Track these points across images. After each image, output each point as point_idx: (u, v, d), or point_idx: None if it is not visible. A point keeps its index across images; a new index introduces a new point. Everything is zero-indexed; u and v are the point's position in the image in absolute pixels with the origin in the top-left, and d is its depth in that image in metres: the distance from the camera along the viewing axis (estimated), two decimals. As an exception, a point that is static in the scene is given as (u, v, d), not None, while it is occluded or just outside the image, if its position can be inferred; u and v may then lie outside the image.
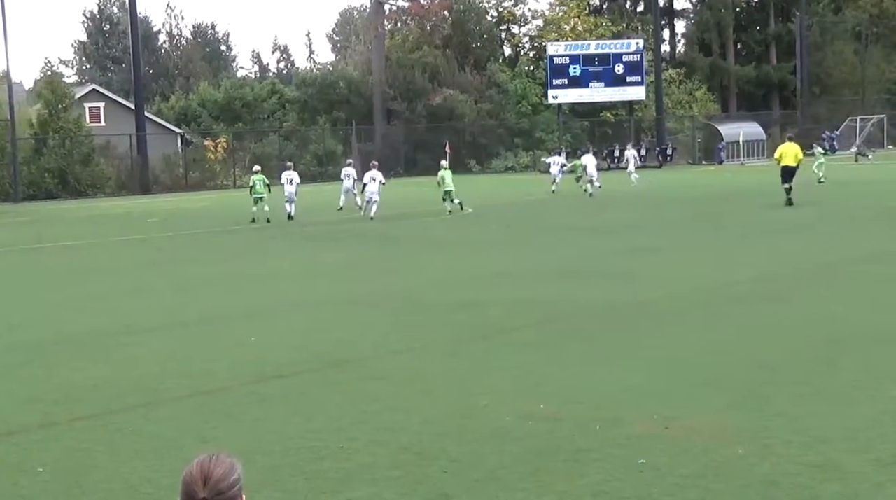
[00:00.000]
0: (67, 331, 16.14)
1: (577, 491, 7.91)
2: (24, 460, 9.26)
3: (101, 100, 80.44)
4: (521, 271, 21.86)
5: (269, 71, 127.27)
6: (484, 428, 9.72)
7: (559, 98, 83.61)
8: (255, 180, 39.46)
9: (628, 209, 38.63)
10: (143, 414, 10.83)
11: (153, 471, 8.57)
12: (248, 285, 21.12)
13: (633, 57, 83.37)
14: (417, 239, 30.58)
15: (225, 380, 12.22)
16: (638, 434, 9.33)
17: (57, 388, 12.06)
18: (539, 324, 15.46)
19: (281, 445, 9.43)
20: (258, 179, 39.31)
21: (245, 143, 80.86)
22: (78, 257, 28.87)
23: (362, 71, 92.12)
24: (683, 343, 13.59)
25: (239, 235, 34.09)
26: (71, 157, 67.00)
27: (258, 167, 41.76)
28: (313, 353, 13.68)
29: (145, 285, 21.64)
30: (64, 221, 44.82)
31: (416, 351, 13.75)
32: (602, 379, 11.55)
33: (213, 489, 3.38)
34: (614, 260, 23.11)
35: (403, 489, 8.09)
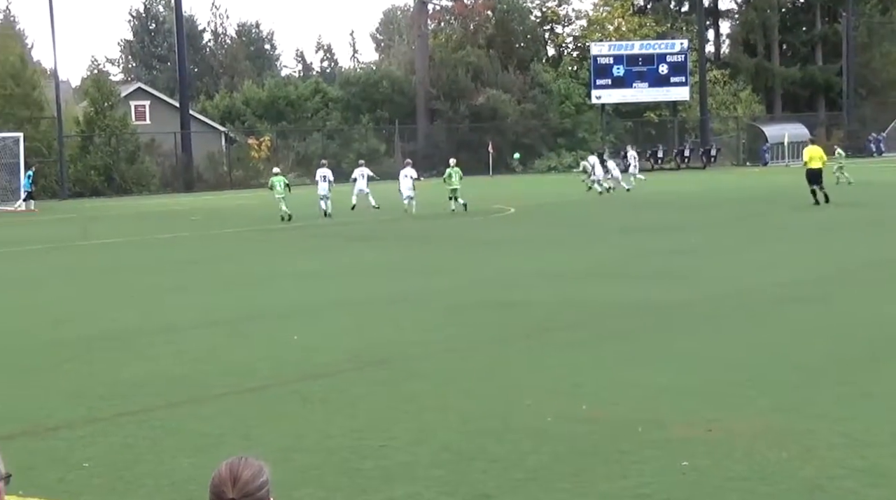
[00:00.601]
0: (112, 327, 16.26)
1: (618, 493, 7.89)
2: (69, 454, 9.33)
3: (147, 98, 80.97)
4: (562, 270, 21.82)
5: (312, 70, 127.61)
6: (525, 428, 9.70)
7: (602, 98, 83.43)
8: (275, 182, 40.35)
9: (670, 210, 38.48)
10: (187, 411, 10.89)
11: (196, 468, 8.62)
12: (290, 284, 21.19)
13: (677, 57, 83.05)
14: (458, 238, 30.57)
15: (267, 378, 12.26)
16: (680, 436, 9.29)
17: (102, 384, 12.15)
18: (581, 324, 15.43)
19: (322, 443, 9.45)
20: (277, 181, 40.22)
21: (289, 141, 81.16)
22: (122, 254, 29.07)
23: (405, 70, 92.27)
24: (726, 344, 13.53)
25: (281, 233, 34.21)
26: (116, 154, 67.49)
27: (277, 170, 42.81)
28: (355, 352, 13.71)
29: (189, 283, 21.76)
30: (109, 219, 45.15)
31: (458, 351, 13.75)
32: (644, 380, 11.50)
33: (241, 491, 3.40)
34: (656, 260, 23.02)
35: (444, 489, 8.09)
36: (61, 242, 33.09)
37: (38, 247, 31.64)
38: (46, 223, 43.39)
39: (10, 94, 64.71)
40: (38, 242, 33.23)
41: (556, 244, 27.75)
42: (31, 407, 11.13)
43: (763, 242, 26.63)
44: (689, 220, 33.93)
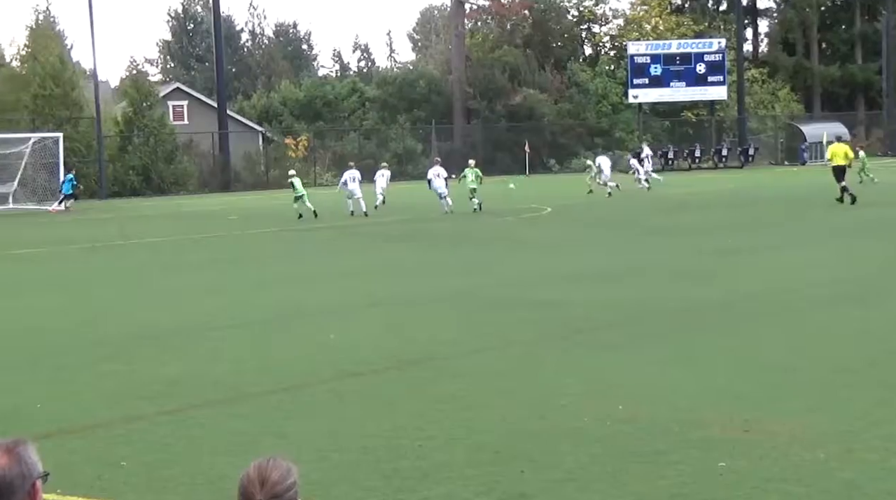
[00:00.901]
0: (149, 327, 16.34)
1: (655, 493, 7.86)
2: (107, 453, 9.38)
3: (185, 98, 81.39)
4: (599, 270, 21.76)
5: (349, 70, 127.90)
6: (562, 428, 9.68)
7: (639, 98, 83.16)
8: (294, 182, 41.07)
9: (707, 210, 38.31)
10: (224, 410, 10.93)
11: (233, 467, 8.62)
12: (327, 283, 21.24)
13: (714, 56, 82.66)
14: (494, 238, 30.55)
15: (304, 377, 12.29)
16: (717, 437, 9.24)
17: (139, 383, 12.21)
18: (617, 324, 15.38)
19: (359, 442, 9.46)
20: (297, 181, 41.03)
21: (326, 141, 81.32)
22: (160, 254, 29.22)
23: (442, 70, 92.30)
24: (764, 345, 13.45)
25: (318, 233, 34.29)
26: (155, 154, 67.84)
27: (293, 172, 43.75)
28: (391, 351, 13.72)
29: (226, 283, 21.85)
30: (147, 218, 45.39)
31: (495, 350, 13.74)
32: (681, 381, 11.46)
33: (269, 492, 3.41)
34: (693, 261, 22.92)
35: (480, 488, 8.08)
36: (99, 241, 33.28)
37: (77, 247, 31.84)
38: (85, 223, 43.66)
39: (50, 94, 65.16)
40: (77, 241, 33.45)
41: (592, 244, 27.68)
42: (69, 406, 11.20)
43: (801, 241, 26.46)
44: (726, 219, 33.76)
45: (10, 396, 11.80)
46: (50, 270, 25.97)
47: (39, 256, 29.61)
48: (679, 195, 46.63)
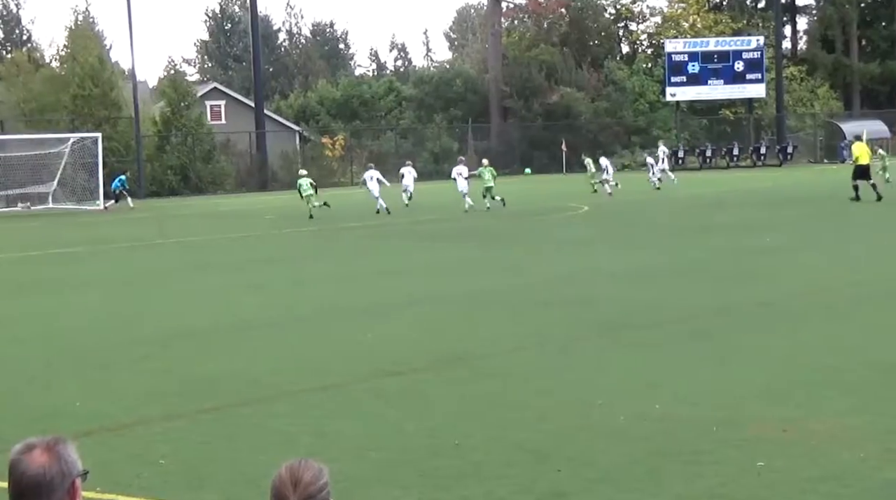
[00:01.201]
0: (188, 325, 16.42)
1: (693, 493, 7.83)
2: (146, 451, 9.43)
3: (222, 98, 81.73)
4: (636, 269, 21.70)
5: (386, 69, 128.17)
6: (599, 427, 9.66)
7: (677, 96, 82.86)
8: (301, 183, 41.57)
9: (745, 208, 38.11)
10: (262, 409, 10.97)
11: (272, 465, 8.60)
12: (364, 282, 21.27)
13: (753, 54, 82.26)
14: (532, 237, 30.51)
15: (342, 376, 12.32)
16: (756, 436, 9.19)
17: (178, 381, 12.28)
18: (655, 323, 15.33)
19: (397, 441, 9.47)
20: (304, 182, 41.49)
21: (362, 140, 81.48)
22: (198, 253, 29.36)
23: (479, 69, 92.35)
24: (804, 344, 13.37)
25: (355, 232, 34.36)
26: (192, 154, 68.17)
27: (304, 171, 44.44)
28: (429, 350, 13.73)
29: (263, 281, 21.92)
30: (185, 218, 45.62)
31: (532, 349, 13.73)
32: (719, 380, 11.41)
33: (302, 493, 3.42)
34: (731, 259, 22.81)
35: (517, 488, 8.07)
36: (138, 240, 33.49)
37: (116, 246, 32.04)
38: (124, 222, 43.93)
39: (89, 94, 65.59)
40: (116, 241, 33.66)
41: (630, 243, 27.60)
42: (109, 404, 11.27)
43: (841, 239, 26.30)
44: (765, 218, 33.58)
45: (50, 394, 11.89)
46: (89, 269, 26.14)
47: (79, 255, 29.81)
48: (718, 194, 46.42)
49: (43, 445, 3.51)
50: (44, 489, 3.45)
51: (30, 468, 3.44)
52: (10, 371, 13.36)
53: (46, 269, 26.37)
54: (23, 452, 3.49)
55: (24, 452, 3.49)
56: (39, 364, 13.71)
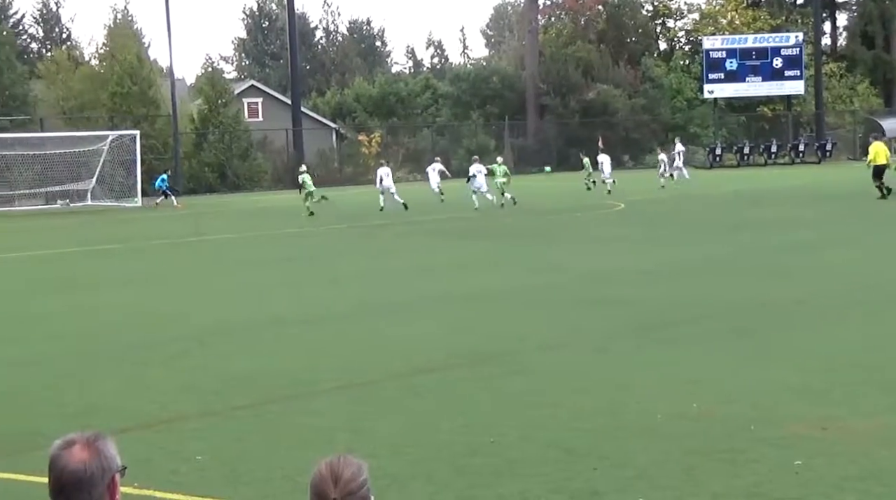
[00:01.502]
0: (224, 322, 16.48)
1: (730, 492, 7.78)
2: (182, 447, 9.47)
3: (259, 95, 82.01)
4: (673, 267, 21.62)
5: (423, 66, 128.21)
6: (635, 426, 9.62)
7: (715, 93, 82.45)
8: (303, 179, 42.11)
9: (784, 205, 37.90)
10: (297, 405, 10.99)
11: (308, 462, 8.62)
12: (399, 279, 21.29)
13: (792, 51, 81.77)
14: (568, 234, 30.45)
15: (377, 373, 12.33)
16: (794, 435, 9.14)
17: (214, 377, 12.32)
18: (691, 321, 15.27)
19: (432, 438, 9.47)
20: (306, 177, 42.08)
21: (399, 137, 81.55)
22: (234, 250, 29.47)
23: (516, 66, 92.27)
24: (842, 342, 13.28)
25: (389, 229, 34.38)
26: (229, 151, 68.43)
27: (304, 167, 45.09)
28: (463, 347, 13.72)
29: (299, 278, 21.98)
30: (222, 215, 45.80)
31: (566, 347, 13.70)
32: (757, 378, 11.34)
33: (343, 490, 3.40)
34: (768, 257, 22.68)
35: (553, 486, 8.06)
36: (175, 238, 33.64)
37: (153, 243, 32.21)
38: (161, 219, 44.15)
39: (128, 92, 65.96)
40: (153, 238, 33.84)
41: (665, 240, 27.50)
42: (146, 401, 11.33)
43: (880, 237, 26.09)
44: (803, 215, 33.38)
45: (88, 391, 11.96)
46: (127, 266, 26.28)
47: (116, 252, 29.99)
48: (755, 191, 46.17)
49: (83, 441, 3.52)
50: (84, 485, 3.47)
51: (70, 463, 3.46)
52: (49, 368, 13.45)
53: (84, 266, 26.54)
54: (63, 448, 3.51)
55: (65, 448, 3.51)
56: (77, 361, 13.80)
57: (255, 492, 8.16)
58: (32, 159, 54.46)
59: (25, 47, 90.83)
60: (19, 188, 54.65)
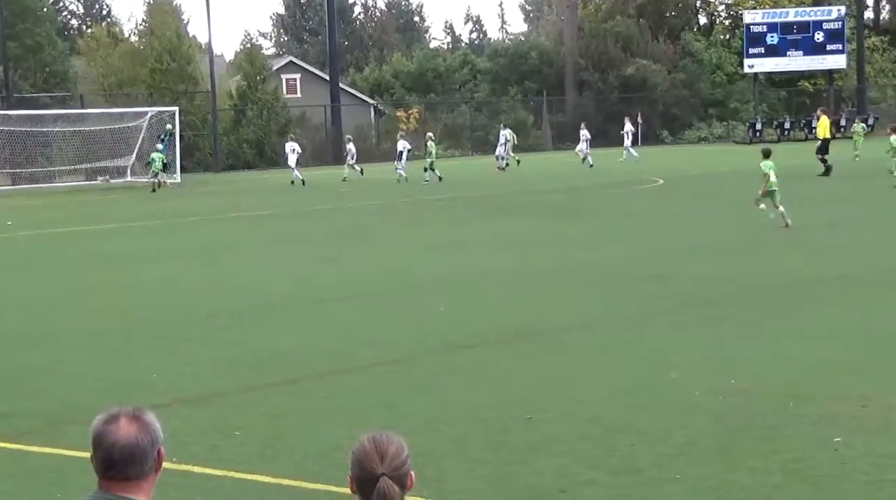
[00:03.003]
0: (262, 299, 16.54)
1: (768, 468, 7.76)
2: (221, 423, 9.52)
3: (298, 71, 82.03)
4: (711, 243, 21.51)
5: (461, 42, 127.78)
6: (673, 402, 9.60)
7: (755, 67, 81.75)
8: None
9: (825, 181, 37.61)
10: (335, 381, 11.03)
11: (345, 438, 8.67)
12: (435, 255, 21.28)
13: (833, 24, 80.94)
14: (604, 210, 30.35)
15: (414, 349, 12.35)
16: (833, 412, 9.09)
17: (252, 354, 12.38)
18: (730, 297, 15.20)
19: (469, 415, 9.48)
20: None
21: (437, 113, 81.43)
22: (273, 226, 29.54)
23: (554, 41, 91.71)
24: (883, 319, 13.20)
25: (427, 204, 34.35)
26: (268, 127, 68.48)
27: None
28: (501, 323, 13.72)
29: (337, 255, 22.00)
30: (260, 191, 45.93)
31: (605, 323, 13.67)
32: (795, 355, 11.28)
33: (390, 465, 3.42)
34: (807, 233, 22.53)
35: (591, 462, 8.05)
36: (215, 214, 33.76)
37: (192, 219, 32.34)
38: (200, 196, 44.32)
39: (167, 68, 66.10)
40: (192, 214, 33.97)
41: (705, 216, 27.37)
42: (185, 377, 11.40)
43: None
44: (844, 191, 33.12)
45: (126, 366, 12.05)
46: (166, 242, 26.39)
47: (156, 228, 30.13)
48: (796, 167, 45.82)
49: (128, 414, 3.52)
50: (137, 458, 3.48)
51: (121, 437, 3.46)
52: (89, 343, 13.55)
53: (124, 242, 26.67)
54: (108, 422, 3.50)
55: (110, 422, 3.50)
56: (117, 336, 13.88)
57: (293, 468, 8.19)
58: (73, 136, 54.72)
59: (66, 24, 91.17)
60: (60, 165, 54.93)
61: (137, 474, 3.49)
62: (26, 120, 52.76)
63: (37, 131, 52.87)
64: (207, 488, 7.91)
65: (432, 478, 7.41)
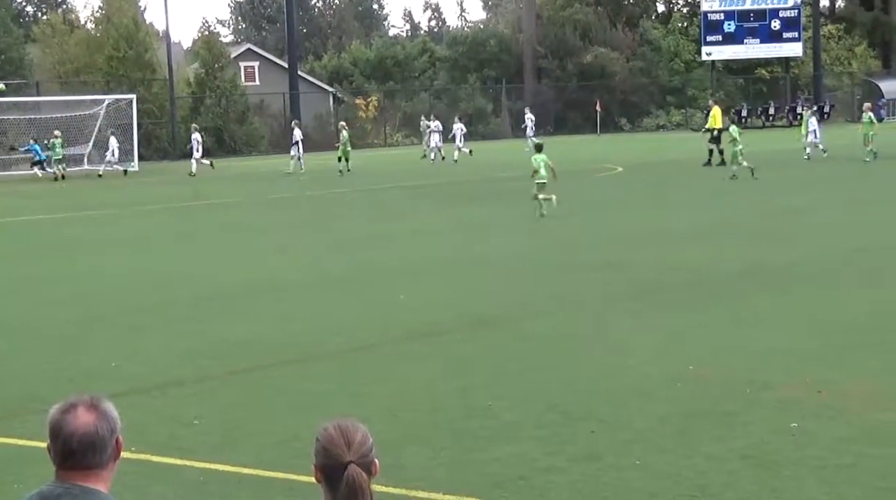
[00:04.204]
0: (221, 287, 16.48)
1: (725, 453, 7.82)
2: (180, 412, 9.50)
3: (256, 59, 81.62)
4: (669, 230, 21.61)
5: (420, 29, 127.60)
6: (631, 389, 9.66)
7: (713, 55, 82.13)
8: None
9: (780, 169, 37.81)
10: (294, 370, 11.03)
11: (305, 426, 8.65)
12: (396, 244, 21.27)
13: (790, 12, 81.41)
14: (562, 198, 30.37)
15: (374, 337, 12.35)
16: (789, 397, 9.17)
17: (211, 343, 12.34)
18: (687, 285, 15.29)
19: (429, 402, 9.50)
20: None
21: (396, 101, 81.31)
22: (232, 215, 29.44)
23: (513, 29, 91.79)
24: (837, 305, 13.31)
25: (386, 193, 34.35)
26: (227, 115, 68.17)
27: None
28: (461, 311, 13.74)
29: (296, 243, 21.97)
30: (219, 180, 45.72)
31: (563, 311, 13.73)
32: (752, 341, 11.37)
33: (357, 452, 3.41)
34: (762, 221, 22.69)
35: (550, 449, 8.09)
36: (172, 202, 33.59)
37: (148, 208, 32.16)
38: (157, 184, 44.08)
39: (124, 56, 65.63)
40: (149, 202, 33.78)
41: (662, 204, 27.49)
42: (143, 366, 11.35)
43: (877, 200, 26.07)
44: (799, 178, 33.37)
45: (84, 355, 11.99)
46: (122, 231, 26.24)
47: (111, 217, 29.94)
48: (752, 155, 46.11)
49: (85, 403, 3.50)
50: (97, 447, 3.46)
51: (79, 427, 3.44)
52: (45, 333, 13.46)
53: (79, 230, 26.50)
54: (65, 411, 3.48)
55: (68, 411, 3.48)
56: (73, 325, 13.81)
57: (253, 456, 8.19)
58: (29, 124, 54.24)
59: (21, 10, 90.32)
60: (16, 153, 54.39)
61: (97, 463, 3.47)
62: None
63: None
64: (167, 477, 7.89)
65: (392, 465, 7.41)
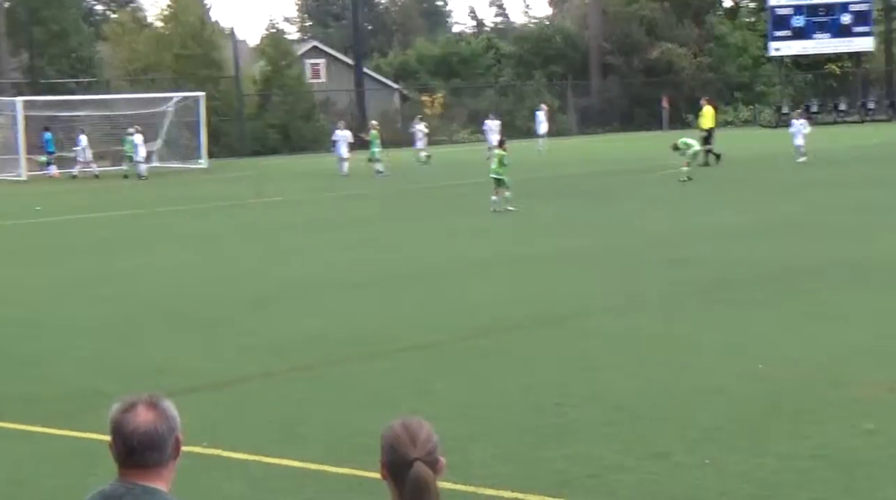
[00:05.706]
0: (285, 284, 16.55)
1: (796, 452, 7.73)
2: (248, 408, 9.56)
3: (322, 56, 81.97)
4: (739, 227, 21.41)
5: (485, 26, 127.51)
6: (701, 387, 9.57)
7: (781, 50, 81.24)
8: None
9: (852, 165, 37.41)
10: (360, 367, 11.04)
11: (372, 422, 8.62)
12: (463, 240, 21.25)
13: (860, 6, 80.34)
14: (632, 195, 30.24)
15: (442, 334, 12.33)
16: (862, 397, 9.05)
17: (275, 339, 12.38)
18: (758, 281, 15.13)
19: (497, 399, 9.48)
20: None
21: (461, 98, 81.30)
22: (296, 212, 29.55)
23: (579, 25, 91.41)
24: (911, 304, 13.12)
25: (452, 190, 34.32)
26: (293, 113, 68.51)
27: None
28: (530, 308, 13.70)
29: (361, 240, 21.99)
30: (285, 177, 45.95)
31: (631, 308, 13.64)
32: (824, 339, 11.23)
33: (423, 450, 3.43)
34: (838, 217, 22.40)
35: (619, 447, 8.04)
36: (238, 199, 33.77)
37: (217, 205, 32.36)
38: (225, 181, 44.37)
39: (191, 54, 66.18)
40: (217, 199, 34.00)
41: (731, 200, 27.24)
42: (211, 362, 11.43)
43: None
44: (872, 175, 32.91)
45: (151, 352, 12.07)
46: (190, 227, 26.45)
47: (182, 213, 30.19)
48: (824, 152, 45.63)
49: (145, 402, 3.53)
50: (157, 444, 3.49)
51: (140, 425, 3.48)
52: (112, 329, 13.58)
53: (147, 227, 26.72)
54: (126, 410, 3.51)
55: (127, 410, 3.51)
56: (140, 322, 13.92)
57: (320, 452, 8.21)
58: (100, 121, 54.84)
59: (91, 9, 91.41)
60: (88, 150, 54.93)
61: (157, 461, 3.51)
62: (53, 105, 52.78)
63: (63, 117, 52.90)
64: (235, 472, 7.93)
65: (459, 462, 7.40)
